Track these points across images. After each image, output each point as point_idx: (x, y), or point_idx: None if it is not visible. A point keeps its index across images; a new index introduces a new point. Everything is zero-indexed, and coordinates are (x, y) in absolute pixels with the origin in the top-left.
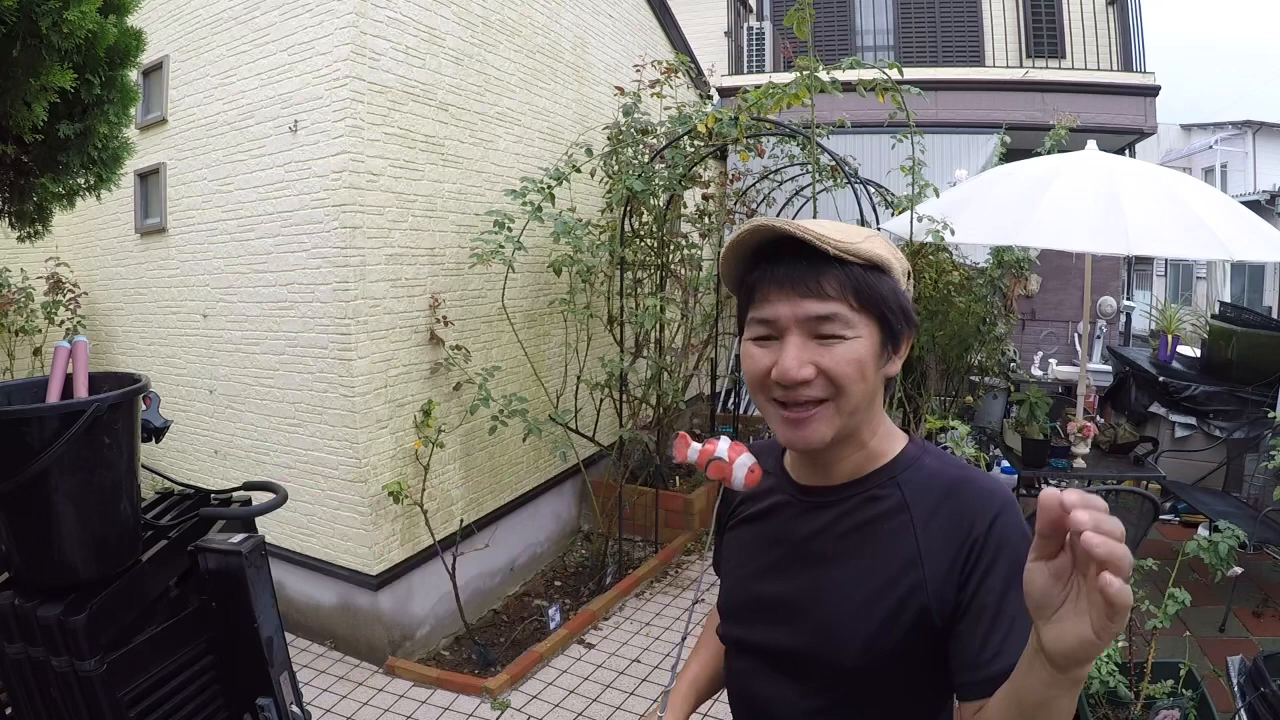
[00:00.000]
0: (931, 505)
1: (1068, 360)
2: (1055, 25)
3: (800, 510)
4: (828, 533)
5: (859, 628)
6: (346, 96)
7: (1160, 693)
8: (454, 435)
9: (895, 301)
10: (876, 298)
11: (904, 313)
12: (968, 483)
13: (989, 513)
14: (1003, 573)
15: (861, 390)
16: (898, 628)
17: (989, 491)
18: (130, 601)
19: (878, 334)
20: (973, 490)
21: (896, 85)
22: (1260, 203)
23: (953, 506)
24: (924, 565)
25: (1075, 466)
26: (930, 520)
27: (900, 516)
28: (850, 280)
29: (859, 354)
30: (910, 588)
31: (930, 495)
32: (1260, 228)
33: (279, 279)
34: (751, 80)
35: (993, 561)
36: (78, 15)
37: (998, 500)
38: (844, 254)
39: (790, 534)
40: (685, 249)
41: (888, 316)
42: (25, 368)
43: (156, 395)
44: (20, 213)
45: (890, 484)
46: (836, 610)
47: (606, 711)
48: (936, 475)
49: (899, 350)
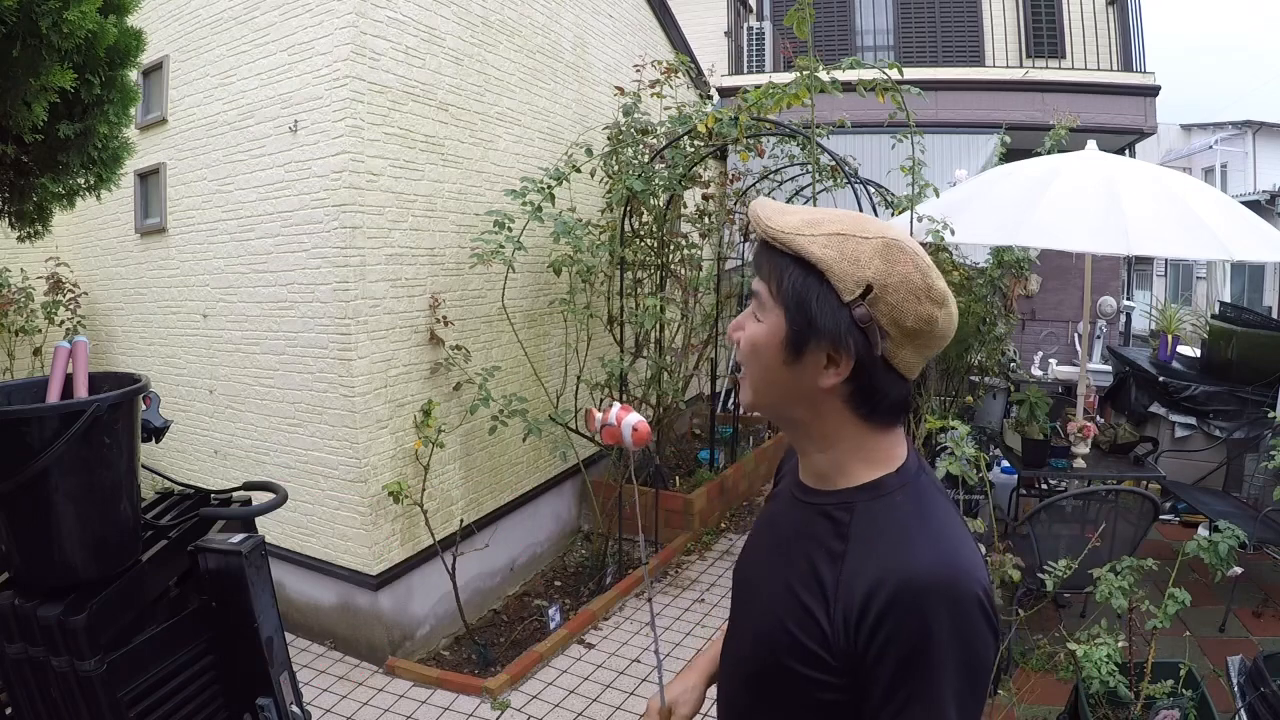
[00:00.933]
0: (871, 549)
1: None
2: (1055, 25)
3: (790, 504)
4: (789, 531)
5: (763, 635)
6: (346, 96)
7: (1160, 693)
8: (454, 435)
9: (800, 303)
10: (788, 293)
11: (807, 318)
12: (906, 541)
13: (904, 584)
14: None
15: (759, 373)
16: (790, 652)
17: (919, 563)
18: (130, 601)
19: (783, 329)
20: (905, 552)
21: (896, 85)
22: (1260, 203)
23: (874, 564)
24: (832, 604)
25: (1075, 466)
26: (862, 562)
27: (835, 545)
28: (776, 268)
29: (756, 337)
30: (812, 621)
31: (876, 537)
32: (1260, 228)
33: (279, 279)
34: (751, 80)
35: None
36: (78, 15)
37: (922, 576)
38: (776, 242)
39: (774, 522)
40: (685, 249)
41: (792, 314)
42: (25, 368)
43: (156, 395)
44: (20, 213)
45: (844, 507)
46: (758, 608)
47: (606, 711)
48: (888, 520)
49: (802, 356)
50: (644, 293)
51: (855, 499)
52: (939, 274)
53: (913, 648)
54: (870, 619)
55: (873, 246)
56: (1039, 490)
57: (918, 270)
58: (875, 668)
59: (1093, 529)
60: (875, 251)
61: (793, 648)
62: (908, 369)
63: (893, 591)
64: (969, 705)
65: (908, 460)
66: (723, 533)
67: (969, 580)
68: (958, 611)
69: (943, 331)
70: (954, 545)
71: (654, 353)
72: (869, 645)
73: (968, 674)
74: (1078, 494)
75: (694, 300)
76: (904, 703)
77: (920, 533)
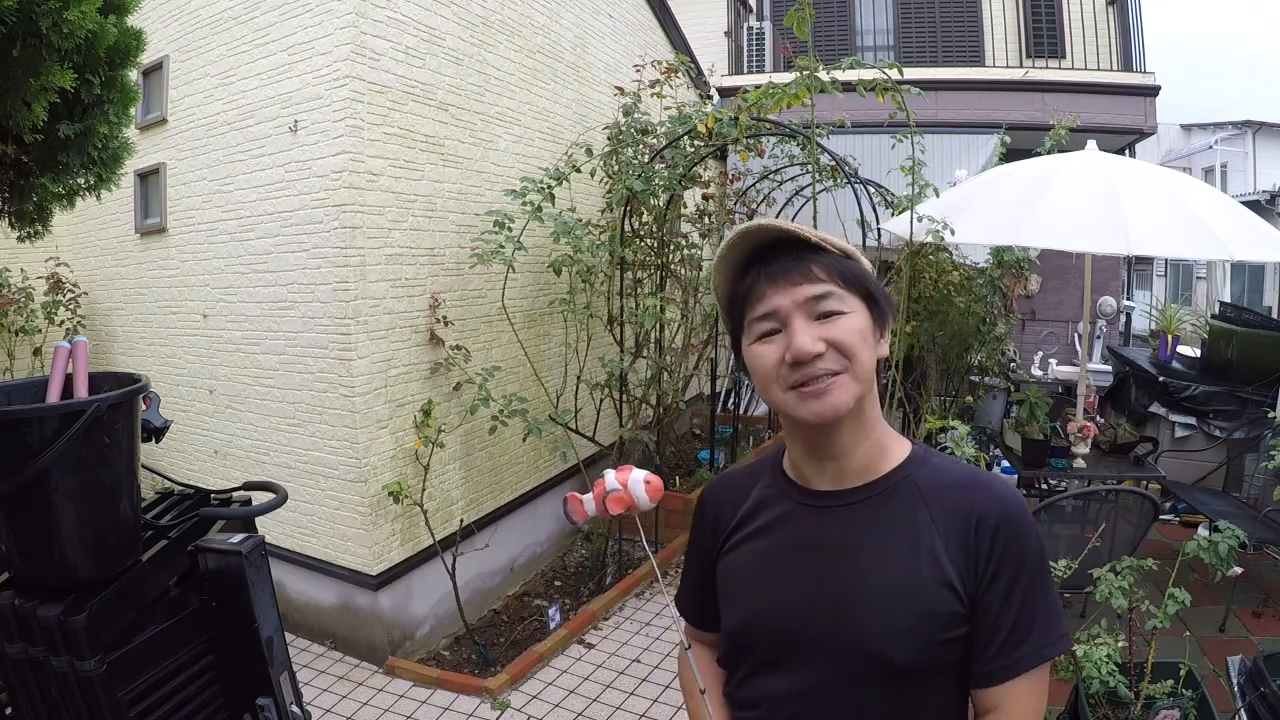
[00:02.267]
0: (946, 498)
1: (1068, 360)
2: (1055, 25)
3: (814, 515)
4: (852, 530)
5: (901, 619)
6: (346, 96)
7: (1160, 693)
8: (454, 435)
9: (875, 281)
10: (860, 277)
11: (883, 292)
12: (980, 481)
13: (1002, 509)
14: (1010, 572)
15: (868, 359)
16: (938, 618)
17: (1002, 493)
18: (130, 601)
19: (867, 310)
20: (986, 488)
21: (896, 85)
22: (1260, 203)
23: (967, 501)
24: (945, 554)
25: (1075, 466)
26: (946, 513)
27: (920, 510)
28: (834, 264)
29: (859, 325)
30: (938, 575)
31: (945, 491)
32: (1260, 228)
33: (279, 279)
34: (751, 80)
35: (1002, 559)
36: (78, 15)
37: (1011, 502)
38: (823, 243)
39: (811, 539)
40: (685, 249)
41: (872, 293)
42: (25, 368)
43: (156, 395)
44: (20, 213)
45: (905, 481)
46: (878, 605)
47: (606, 711)
48: (949, 473)
49: (885, 329)
50: (644, 293)
51: (909, 473)
52: None
53: (1025, 554)
54: (985, 548)
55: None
56: (1039, 490)
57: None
58: (994, 582)
59: (1093, 529)
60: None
61: (941, 621)
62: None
63: (997, 521)
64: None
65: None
66: None
67: (1025, 504)
68: (1036, 525)
69: None
70: (1003, 480)
71: (654, 353)
72: (987, 569)
73: (1048, 565)
74: (1078, 494)
75: (694, 300)
76: (1025, 591)
77: (979, 475)
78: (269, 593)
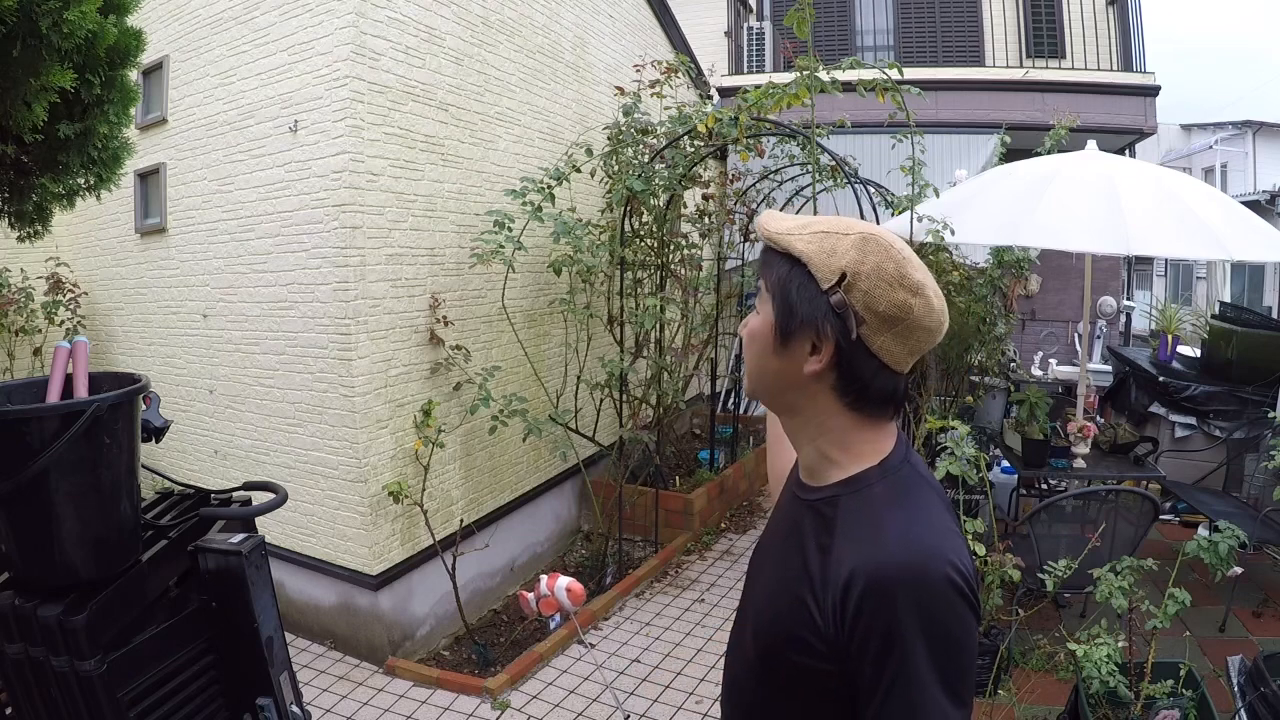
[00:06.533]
0: (850, 535)
1: (1068, 360)
2: (1055, 25)
3: (790, 500)
4: (787, 526)
5: (763, 626)
6: (346, 96)
7: (1160, 693)
8: (454, 435)
9: (785, 292)
10: (775, 284)
11: (791, 306)
12: (882, 534)
13: (875, 572)
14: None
15: (755, 360)
16: (788, 643)
17: (892, 556)
18: (130, 601)
19: (773, 318)
20: (878, 544)
21: (896, 85)
22: (1260, 203)
23: (855, 552)
24: (821, 597)
25: (1075, 466)
26: (842, 555)
27: (824, 539)
28: (770, 266)
29: (753, 326)
30: (806, 613)
31: (855, 530)
32: (1260, 228)
33: (279, 279)
34: (751, 80)
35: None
36: (78, 15)
37: (892, 569)
38: (771, 242)
39: (779, 518)
40: (685, 249)
41: (779, 303)
42: (25, 368)
43: (156, 395)
44: (20, 213)
45: (830, 503)
46: (760, 600)
47: (606, 711)
48: (871, 511)
49: (798, 341)
50: (644, 293)
51: (839, 493)
52: (918, 266)
53: (886, 635)
54: (850, 611)
55: (850, 241)
56: (1039, 490)
57: (891, 260)
58: (859, 657)
59: (1093, 529)
60: (852, 244)
61: (791, 639)
62: (893, 360)
63: (864, 584)
64: (954, 682)
65: (892, 454)
66: (723, 533)
67: (937, 562)
68: (926, 595)
69: (920, 320)
70: (923, 530)
71: (654, 353)
72: (851, 636)
73: (946, 653)
74: (1078, 494)
75: (694, 300)
76: (889, 687)
77: (891, 523)
78: (269, 593)
